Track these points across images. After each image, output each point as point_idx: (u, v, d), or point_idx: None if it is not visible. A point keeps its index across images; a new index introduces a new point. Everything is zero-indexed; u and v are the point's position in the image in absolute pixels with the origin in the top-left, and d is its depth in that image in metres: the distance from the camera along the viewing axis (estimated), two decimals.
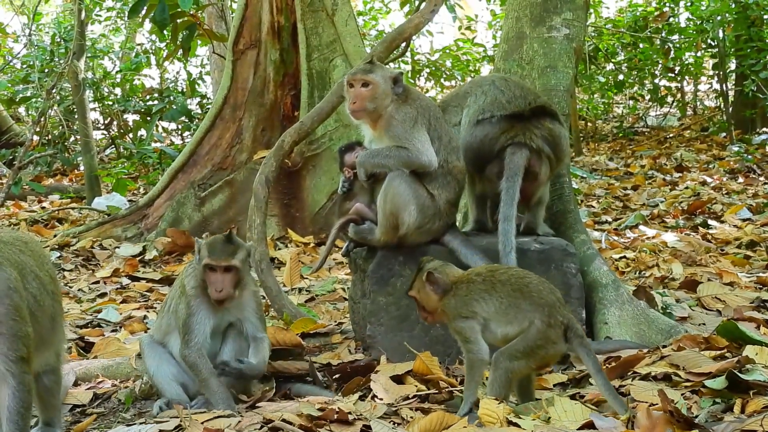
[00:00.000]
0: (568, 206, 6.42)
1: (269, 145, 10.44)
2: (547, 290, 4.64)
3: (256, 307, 5.40)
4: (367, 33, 21.69)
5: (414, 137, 5.57)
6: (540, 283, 4.67)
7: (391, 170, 5.58)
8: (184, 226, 10.81)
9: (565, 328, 4.56)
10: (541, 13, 6.69)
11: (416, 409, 4.82)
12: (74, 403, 5.43)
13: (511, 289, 4.66)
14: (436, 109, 5.79)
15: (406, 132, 5.58)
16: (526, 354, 4.58)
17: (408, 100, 5.68)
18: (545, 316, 4.56)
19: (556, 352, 4.64)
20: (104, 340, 6.52)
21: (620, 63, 20.88)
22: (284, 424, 4.45)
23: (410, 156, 5.56)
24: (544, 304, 4.58)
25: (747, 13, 17.28)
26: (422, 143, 5.58)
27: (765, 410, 4.20)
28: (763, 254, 8.48)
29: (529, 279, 4.68)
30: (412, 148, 5.56)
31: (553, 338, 4.57)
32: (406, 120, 5.61)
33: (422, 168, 5.59)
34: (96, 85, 18.58)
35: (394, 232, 5.64)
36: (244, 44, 11.41)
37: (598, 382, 4.47)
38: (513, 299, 4.64)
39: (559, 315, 4.57)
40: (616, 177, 14.87)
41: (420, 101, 5.73)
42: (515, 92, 6.10)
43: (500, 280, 4.70)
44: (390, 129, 5.62)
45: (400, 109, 5.64)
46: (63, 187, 16.57)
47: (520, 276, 4.71)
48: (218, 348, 5.32)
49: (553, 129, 6.00)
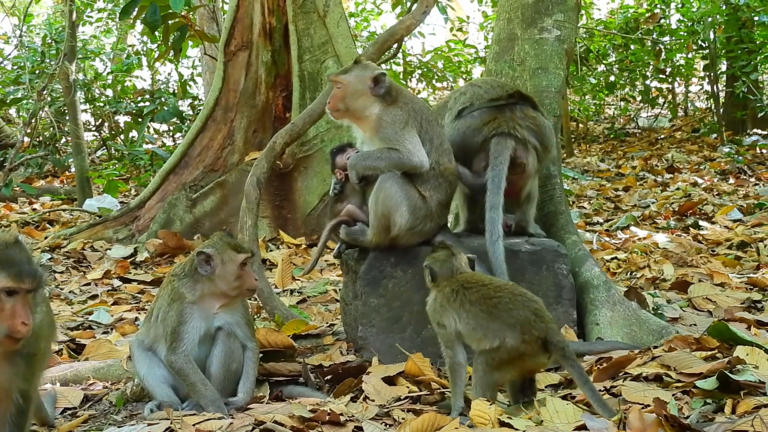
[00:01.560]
0: (559, 207, 6.43)
1: (261, 146, 10.43)
2: (522, 304, 4.60)
3: (244, 311, 5.40)
4: (359, 34, 21.69)
5: (404, 139, 5.57)
6: (513, 299, 4.63)
7: (382, 172, 5.58)
8: (175, 228, 10.79)
9: (544, 341, 4.54)
10: (532, 14, 6.70)
11: (408, 411, 4.82)
12: (65, 405, 5.41)
13: (480, 310, 4.67)
14: (428, 112, 5.78)
15: (396, 133, 5.58)
16: (500, 367, 4.61)
17: (398, 102, 5.67)
18: (517, 334, 4.54)
19: (535, 364, 4.65)
20: (95, 342, 6.51)
21: (611, 64, 20.91)
22: (276, 425, 4.44)
23: (401, 158, 5.55)
24: (515, 323, 4.56)
25: (738, 14, 17.34)
26: (413, 144, 5.57)
27: (756, 411, 4.20)
28: (754, 255, 8.50)
29: (499, 297, 4.66)
30: (403, 149, 5.55)
31: (529, 353, 4.57)
32: (396, 122, 5.60)
33: (414, 169, 5.59)
34: (87, 86, 18.55)
35: (385, 233, 5.63)
36: (236, 46, 11.40)
37: (585, 391, 4.47)
38: (481, 320, 4.66)
39: (535, 330, 4.53)
40: (607, 178, 14.91)
41: (412, 103, 5.73)
42: (493, 85, 6.21)
43: (470, 299, 4.71)
44: (380, 131, 5.62)
45: (388, 110, 5.64)
46: (54, 188, 16.54)
47: (490, 295, 4.68)
48: (208, 352, 5.29)
49: (536, 118, 6.04)
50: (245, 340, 5.33)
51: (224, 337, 5.29)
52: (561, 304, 5.80)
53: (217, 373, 5.24)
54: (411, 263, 5.74)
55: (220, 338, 5.29)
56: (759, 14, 17.02)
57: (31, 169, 17.78)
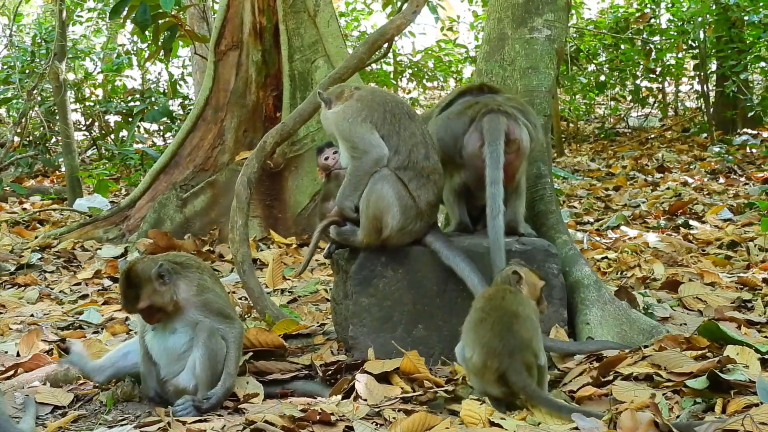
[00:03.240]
0: (549, 207, 6.42)
1: (251, 146, 10.42)
2: (498, 334, 4.61)
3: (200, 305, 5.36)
4: (350, 34, 21.68)
5: (355, 134, 5.66)
6: (494, 325, 4.65)
7: (364, 185, 5.62)
8: (166, 228, 10.77)
9: (502, 376, 4.57)
10: (522, 14, 6.70)
11: (399, 410, 4.82)
12: (54, 404, 5.40)
13: (471, 318, 4.77)
14: (396, 106, 5.76)
15: (348, 130, 5.69)
16: (476, 375, 4.72)
17: (345, 99, 5.79)
18: (482, 355, 4.61)
19: (494, 392, 4.67)
20: (86, 342, 6.49)
21: (602, 64, 20.95)
22: (267, 425, 4.44)
23: (362, 164, 5.62)
24: (483, 344, 4.62)
25: (728, 14, 17.36)
26: (364, 140, 5.63)
27: (746, 410, 4.21)
28: (744, 254, 8.52)
29: (487, 316, 4.70)
30: (358, 151, 5.65)
31: (486, 379, 4.64)
32: (343, 117, 5.73)
33: (379, 164, 5.61)
34: (77, 86, 18.53)
35: (377, 234, 5.63)
36: (226, 45, 11.39)
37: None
38: (468, 327, 4.78)
39: (497, 361, 4.56)
40: (597, 178, 14.92)
41: (368, 99, 5.77)
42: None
43: (475, 306, 4.83)
44: (335, 129, 5.78)
45: (334, 109, 5.81)
46: (44, 188, 16.50)
47: (485, 310, 4.74)
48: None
49: (518, 99, 6.10)
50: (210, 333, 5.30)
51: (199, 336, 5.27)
52: (551, 304, 5.80)
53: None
54: (402, 263, 5.75)
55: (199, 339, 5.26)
56: (749, 14, 17.05)
57: (21, 168, 17.73)
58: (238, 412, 5.05)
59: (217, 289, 5.40)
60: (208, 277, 5.40)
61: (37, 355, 6.00)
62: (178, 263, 5.32)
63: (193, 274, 5.32)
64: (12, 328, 7.12)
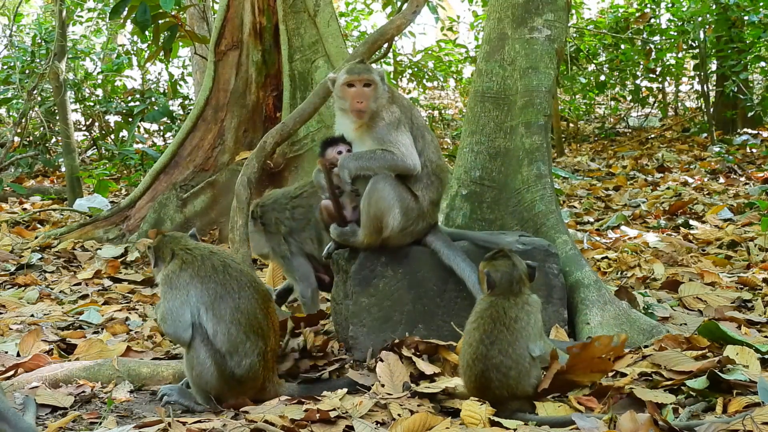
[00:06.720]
0: (550, 207, 6.42)
1: (251, 146, 10.42)
2: (481, 355, 4.67)
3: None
4: (350, 34, 21.68)
5: (398, 140, 5.56)
6: (480, 343, 4.69)
7: (375, 173, 5.56)
8: (166, 228, 10.76)
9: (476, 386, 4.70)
10: (522, 14, 6.70)
11: (403, 406, 4.82)
12: (55, 404, 5.40)
13: (473, 321, 4.83)
14: (414, 107, 5.80)
15: (390, 134, 5.56)
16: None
17: (393, 101, 5.68)
18: (463, 361, 4.79)
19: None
20: (86, 342, 6.48)
21: (602, 64, 20.94)
22: (267, 425, 4.45)
23: (395, 160, 5.55)
24: (463, 357, 4.79)
25: (728, 14, 17.36)
26: (406, 147, 5.57)
27: (746, 410, 4.22)
28: (744, 254, 8.52)
29: (483, 331, 4.74)
30: (397, 152, 5.54)
31: (468, 387, 4.79)
32: (391, 122, 5.58)
33: (406, 171, 5.59)
34: (77, 86, 18.50)
35: (377, 235, 5.63)
36: (226, 45, 11.39)
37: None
38: (468, 330, 4.85)
39: (470, 374, 4.72)
40: (597, 178, 14.92)
41: (402, 100, 5.74)
42: None
43: (480, 312, 4.85)
44: (374, 131, 5.60)
45: (385, 109, 5.64)
46: (44, 188, 16.49)
47: (486, 321, 4.75)
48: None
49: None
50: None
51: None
52: (552, 304, 5.81)
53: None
54: (402, 263, 5.75)
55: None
56: (749, 14, 17.04)
57: (21, 168, 17.72)
58: (236, 411, 5.05)
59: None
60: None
61: (37, 355, 6.00)
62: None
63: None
64: (12, 328, 7.12)
